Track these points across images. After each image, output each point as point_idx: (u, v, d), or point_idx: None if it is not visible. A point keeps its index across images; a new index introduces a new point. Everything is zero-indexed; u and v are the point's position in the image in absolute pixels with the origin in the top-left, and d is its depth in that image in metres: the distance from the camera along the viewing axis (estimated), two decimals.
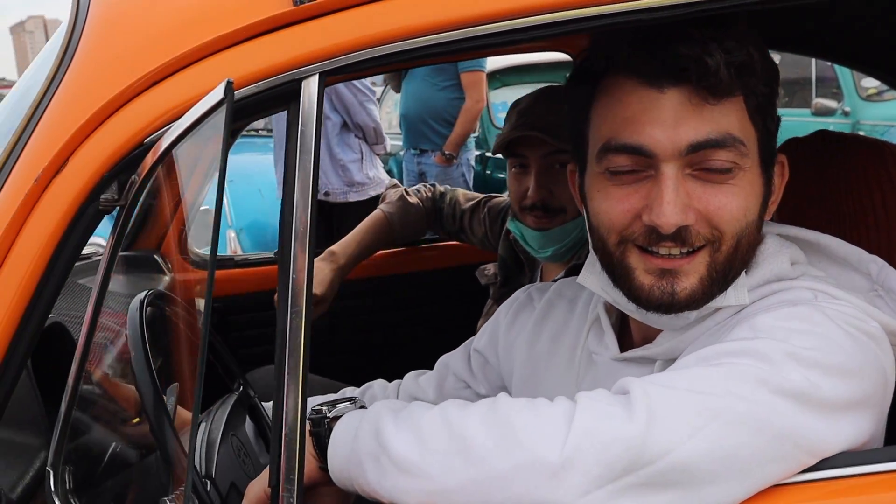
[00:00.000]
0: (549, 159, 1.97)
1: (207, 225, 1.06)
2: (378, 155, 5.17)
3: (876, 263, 1.26)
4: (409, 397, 1.63)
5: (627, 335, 1.34)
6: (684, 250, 1.14)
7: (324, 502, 1.20)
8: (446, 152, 5.29)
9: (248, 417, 1.69)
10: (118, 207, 1.05)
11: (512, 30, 1.06)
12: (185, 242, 2.42)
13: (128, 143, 1.03)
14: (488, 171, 7.05)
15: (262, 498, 1.18)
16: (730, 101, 1.12)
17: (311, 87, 1.05)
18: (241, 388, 1.73)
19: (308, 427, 1.17)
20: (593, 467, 0.96)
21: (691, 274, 1.14)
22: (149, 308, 1.43)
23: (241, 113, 1.06)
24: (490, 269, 2.30)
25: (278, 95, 1.05)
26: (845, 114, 7.13)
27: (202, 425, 1.49)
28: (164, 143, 0.99)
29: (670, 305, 1.16)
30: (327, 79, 1.06)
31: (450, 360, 1.64)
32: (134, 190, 1.04)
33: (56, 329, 1.47)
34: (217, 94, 0.91)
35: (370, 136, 4.88)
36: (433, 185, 2.59)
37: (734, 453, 1.00)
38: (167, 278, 2.31)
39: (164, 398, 1.27)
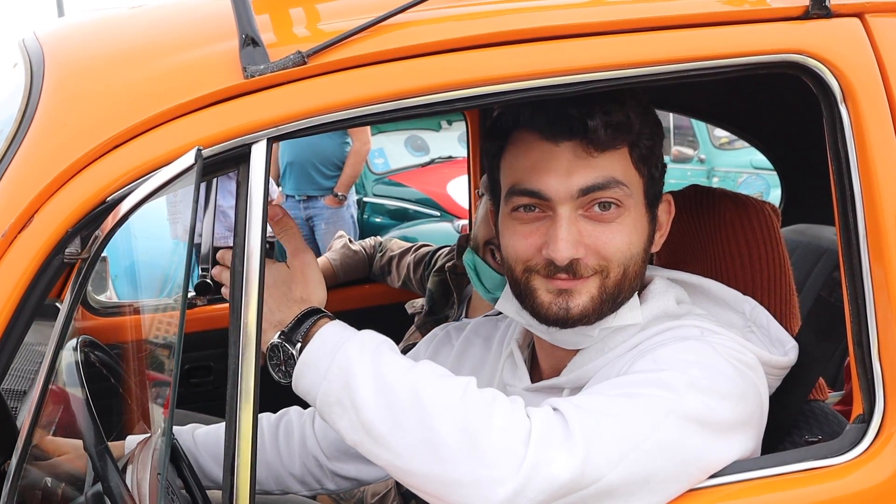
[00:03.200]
0: None
1: None
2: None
3: (749, 303, 1.48)
4: None
5: (537, 368, 1.51)
6: (574, 278, 1.32)
7: None
8: (339, 194, 5.47)
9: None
10: (80, 260, 1.14)
11: (435, 102, 1.22)
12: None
13: (91, 201, 1.12)
14: (365, 216, 7.20)
15: None
16: (613, 152, 1.33)
17: (259, 150, 1.17)
18: (158, 431, 1.80)
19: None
20: (540, 494, 1.12)
21: (584, 293, 1.33)
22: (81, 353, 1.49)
23: None
24: (418, 302, 2.45)
25: (229, 158, 1.17)
26: (701, 161, 7.64)
27: (129, 466, 1.56)
28: (132, 200, 1.08)
29: (566, 320, 1.34)
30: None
31: None
32: (97, 244, 1.13)
33: None
34: (188, 159, 1.02)
35: None
36: (375, 238, 2.82)
37: (649, 477, 1.18)
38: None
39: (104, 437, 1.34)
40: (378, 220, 7.15)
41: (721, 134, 7.64)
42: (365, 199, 7.28)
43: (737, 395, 1.26)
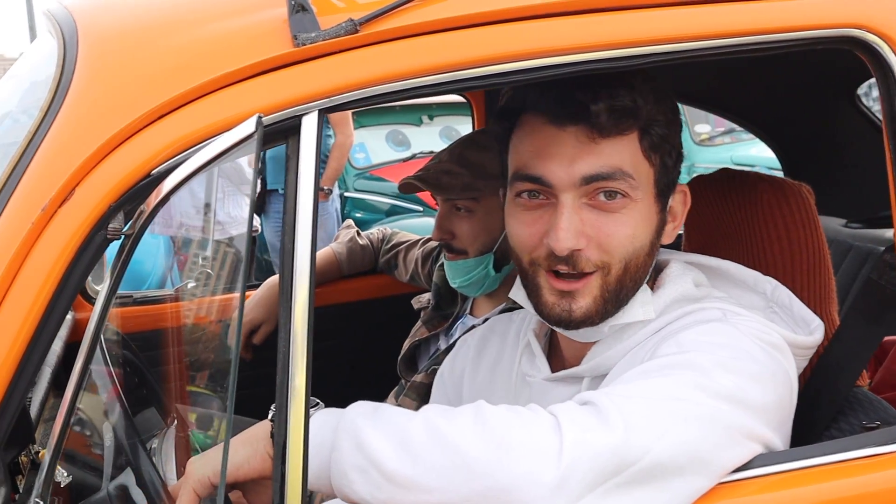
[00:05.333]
0: (448, 203, 2.06)
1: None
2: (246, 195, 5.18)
3: (770, 283, 1.44)
4: None
5: (555, 357, 1.47)
6: (575, 272, 1.28)
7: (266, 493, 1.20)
8: (325, 188, 5.38)
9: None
10: (124, 236, 1.08)
11: (491, 74, 1.17)
12: None
13: (135, 174, 1.06)
14: (346, 211, 7.12)
15: (205, 483, 1.15)
16: (620, 139, 1.28)
17: (310, 122, 1.11)
18: (175, 422, 1.74)
19: (271, 428, 1.15)
20: (587, 474, 1.07)
21: (587, 295, 1.29)
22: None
23: None
24: (425, 297, 2.38)
25: (278, 131, 1.11)
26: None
27: (154, 458, 1.50)
28: (184, 172, 1.03)
29: (568, 322, 1.31)
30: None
31: None
32: (143, 219, 1.07)
33: None
34: (247, 127, 0.96)
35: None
36: (384, 229, 2.73)
37: (696, 447, 1.14)
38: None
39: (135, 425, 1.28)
40: (359, 215, 7.07)
41: (701, 130, 7.65)
42: (346, 193, 7.20)
43: (766, 377, 1.23)
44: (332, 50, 1.12)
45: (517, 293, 1.41)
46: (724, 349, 1.22)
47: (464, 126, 7.58)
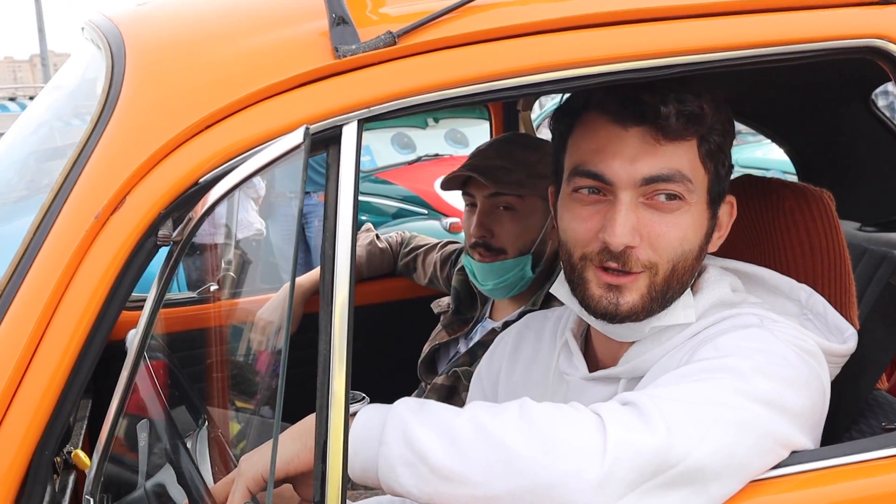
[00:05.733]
0: (492, 200, 2.06)
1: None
2: (252, 199, 5.23)
3: (805, 291, 1.47)
4: None
5: (592, 357, 1.50)
6: (623, 270, 1.32)
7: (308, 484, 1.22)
8: None
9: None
10: (173, 243, 1.11)
11: (525, 84, 1.20)
12: None
13: (183, 182, 1.09)
14: None
15: (258, 479, 1.19)
16: (682, 143, 1.31)
17: (350, 132, 1.14)
18: (206, 423, 1.77)
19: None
20: (629, 473, 1.10)
21: (634, 291, 1.32)
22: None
23: None
24: (444, 300, 2.41)
25: (320, 140, 1.14)
26: None
27: (186, 456, 1.53)
28: (232, 181, 1.06)
29: (614, 315, 1.34)
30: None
31: None
32: (191, 226, 1.10)
33: None
34: (295, 137, 1.00)
35: None
36: (403, 232, 2.76)
37: (733, 452, 1.17)
38: None
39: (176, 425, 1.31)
40: (365, 217, 7.09)
41: None
42: None
43: (801, 383, 1.26)
44: (371, 61, 1.16)
45: (559, 289, 1.45)
46: (762, 354, 1.25)
47: (468, 129, 7.62)
